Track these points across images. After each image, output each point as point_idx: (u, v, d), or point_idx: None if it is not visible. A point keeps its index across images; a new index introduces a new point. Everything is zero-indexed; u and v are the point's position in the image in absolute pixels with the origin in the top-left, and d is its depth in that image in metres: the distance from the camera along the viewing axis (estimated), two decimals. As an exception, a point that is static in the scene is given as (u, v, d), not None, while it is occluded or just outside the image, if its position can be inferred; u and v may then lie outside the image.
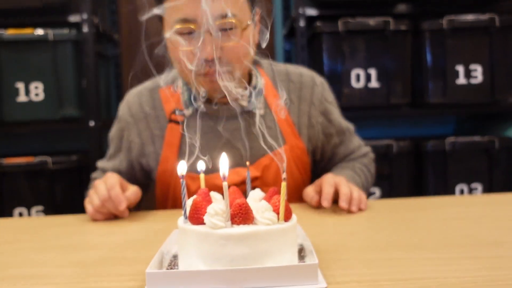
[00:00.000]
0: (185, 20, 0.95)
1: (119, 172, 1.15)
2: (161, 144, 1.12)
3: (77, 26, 1.99)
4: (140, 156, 1.15)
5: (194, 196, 0.61)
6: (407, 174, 2.05)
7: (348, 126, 1.24)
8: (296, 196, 1.12)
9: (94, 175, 1.24)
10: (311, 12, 2.05)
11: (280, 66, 1.21)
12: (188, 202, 0.61)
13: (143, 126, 1.14)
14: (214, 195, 0.64)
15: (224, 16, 0.95)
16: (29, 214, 1.94)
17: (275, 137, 1.09)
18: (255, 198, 0.66)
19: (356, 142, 1.26)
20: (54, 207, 1.95)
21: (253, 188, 0.89)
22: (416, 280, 0.55)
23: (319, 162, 1.23)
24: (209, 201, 0.61)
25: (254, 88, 1.11)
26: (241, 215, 0.57)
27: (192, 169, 1.03)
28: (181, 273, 0.55)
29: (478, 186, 2.03)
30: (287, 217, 0.60)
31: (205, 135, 1.08)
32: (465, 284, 0.54)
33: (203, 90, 1.01)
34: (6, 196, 1.94)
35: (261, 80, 1.13)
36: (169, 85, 1.15)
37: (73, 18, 2.00)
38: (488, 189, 2.01)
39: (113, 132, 1.21)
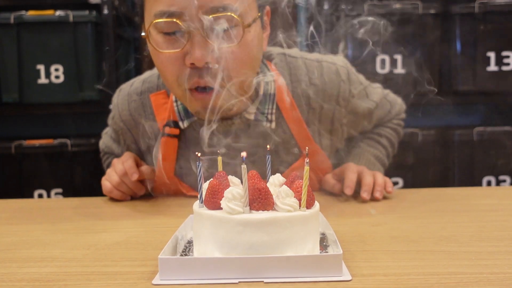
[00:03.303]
0: (167, 13, 0.75)
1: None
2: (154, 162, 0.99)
3: (97, 8, 1.97)
4: (140, 159, 1.04)
5: (211, 179, 0.57)
6: (431, 164, 1.98)
7: (375, 100, 1.06)
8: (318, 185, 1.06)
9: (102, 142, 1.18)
10: (336, -6, 1.98)
11: (296, 61, 0.98)
12: (205, 186, 0.58)
13: (137, 134, 1.01)
14: (232, 179, 0.60)
15: (221, 9, 0.75)
16: (48, 196, 1.95)
17: (289, 149, 0.96)
18: (276, 183, 0.61)
19: (386, 107, 1.10)
20: (73, 190, 1.96)
21: None
22: (450, 275, 0.51)
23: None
24: (226, 185, 0.58)
25: (264, 93, 0.92)
26: (260, 200, 0.53)
27: (188, 182, 0.99)
28: (195, 260, 0.51)
29: (507, 179, 1.95)
30: (310, 204, 0.56)
31: (206, 150, 0.93)
32: (504, 281, 0.49)
33: (194, 108, 0.85)
34: (26, 178, 1.95)
35: (271, 84, 0.93)
36: (160, 90, 0.98)
37: (94, 0, 1.98)
38: (517, 181, 1.93)
39: (110, 127, 1.12)
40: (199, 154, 0.58)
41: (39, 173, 1.94)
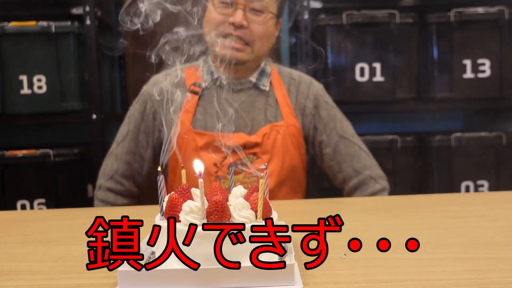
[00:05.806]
0: None
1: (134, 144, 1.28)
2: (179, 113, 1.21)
3: (80, 18, 1.98)
4: (161, 124, 1.27)
5: (172, 192, 0.59)
6: (411, 170, 2.02)
7: (350, 137, 1.27)
8: (291, 174, 1.21)
9: (99, 193, 1.29)
10: (315, 4, 2.01)
11: (284, 67, 1.37)
12: (166, 199, 0.60)
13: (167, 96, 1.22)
14: (195, 191, 0.62)
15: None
16: (31, 207, 1.95)
17: (274, 114, 1.25)
18: (237, 195, 0.64)
19: (365, 161, 1.26)
20: (56, 200, 1.96)
21: (254, 153, 1.20)
22: (398, 282, 0.53)
23: (315, 158, 1.30)
24: (186, 198, 0.60)
25: (263, 70, 1.29)
26: (217, 213, 0.55)
27: (201, 128, 1.24)
28: (153, 272, 0.53)
29: (485, 183, 1.98)
30: (266, 215, 0.58)
31: (218, 104, 1.21)
32: (447, 287, 0.51)
33: (223, 49, 1.18)
34: (9, 189, 1.94)
35: (269, 67, 1.31)
36: (192, 66, 1.32)
37: (76, 11, 2.00)
38: (494, 186, 1.96)
39: (134, 108, 1.30)
40: (159, 168, 0.60)
41: (22, 184, 1.94)
